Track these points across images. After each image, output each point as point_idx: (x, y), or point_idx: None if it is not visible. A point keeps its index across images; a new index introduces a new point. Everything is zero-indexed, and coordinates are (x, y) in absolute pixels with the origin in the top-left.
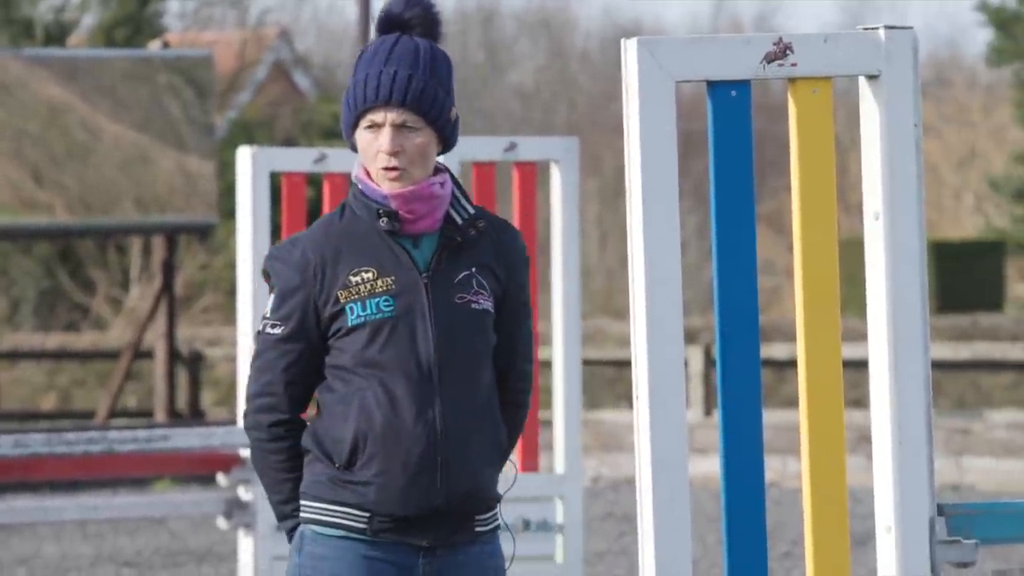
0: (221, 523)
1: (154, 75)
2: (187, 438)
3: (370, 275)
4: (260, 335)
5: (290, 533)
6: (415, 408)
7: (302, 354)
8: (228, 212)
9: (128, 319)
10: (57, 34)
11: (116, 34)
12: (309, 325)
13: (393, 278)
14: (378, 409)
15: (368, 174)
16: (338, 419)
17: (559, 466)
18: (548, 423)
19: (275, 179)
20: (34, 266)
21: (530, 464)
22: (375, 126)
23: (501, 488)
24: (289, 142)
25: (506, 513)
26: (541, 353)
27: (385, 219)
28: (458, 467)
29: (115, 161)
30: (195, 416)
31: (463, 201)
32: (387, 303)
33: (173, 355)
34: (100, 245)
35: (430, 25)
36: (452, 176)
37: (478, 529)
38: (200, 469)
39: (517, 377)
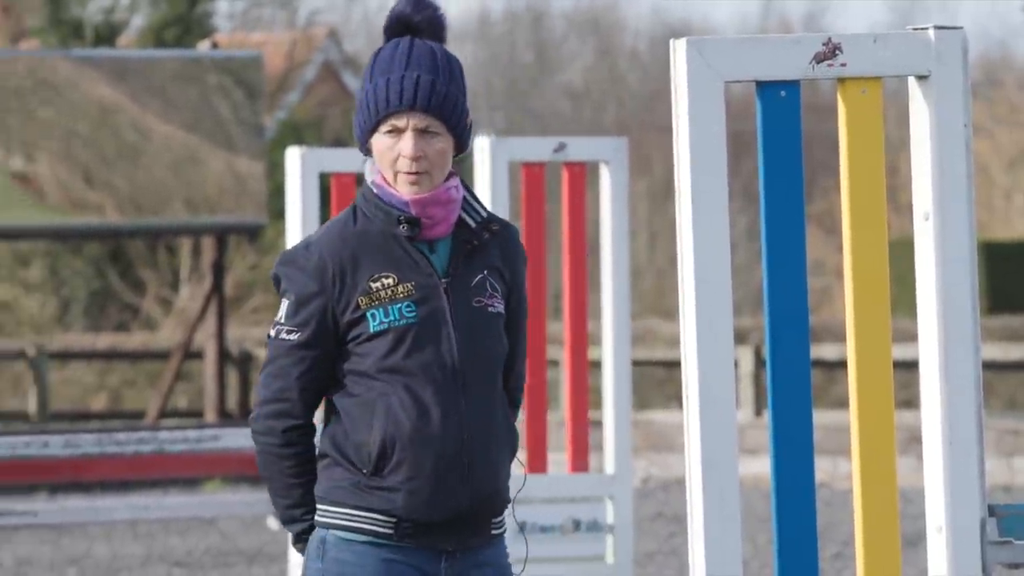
0: (271, 523)
1: (204, 76)
2: (237, 438)
3: (390, 280)
4: (274, 340)
5: (298, 537)
6: (442, 413)
7: (317, 360)
8: (278, 212)
9: (178, 319)
10: (107, 35)
11: (166, 35)
12: (326, 331)
13: (413, 283)
14: (405, 414)
15: (385, 179)
16: (361, 424)
17: (609, 466)
18: (598, 423)
19: (324, 179)
20: (84, 267)
21: (580, 465)
22: (396, 130)
23: (512, 491)
24: (338, 142)
25: (556, 514)
26: (591, 353)
27: (405, 225)
28: (481, 471)
29: (165, 162)
30: (245, 416)
31: (475, 204)
32: (409, 309)
33: (223, 355)
34: (150, 246)
35: (438, 28)
36: (462, 180)
37: (493, 532)
38: (250, 469)
39: (516, 376)
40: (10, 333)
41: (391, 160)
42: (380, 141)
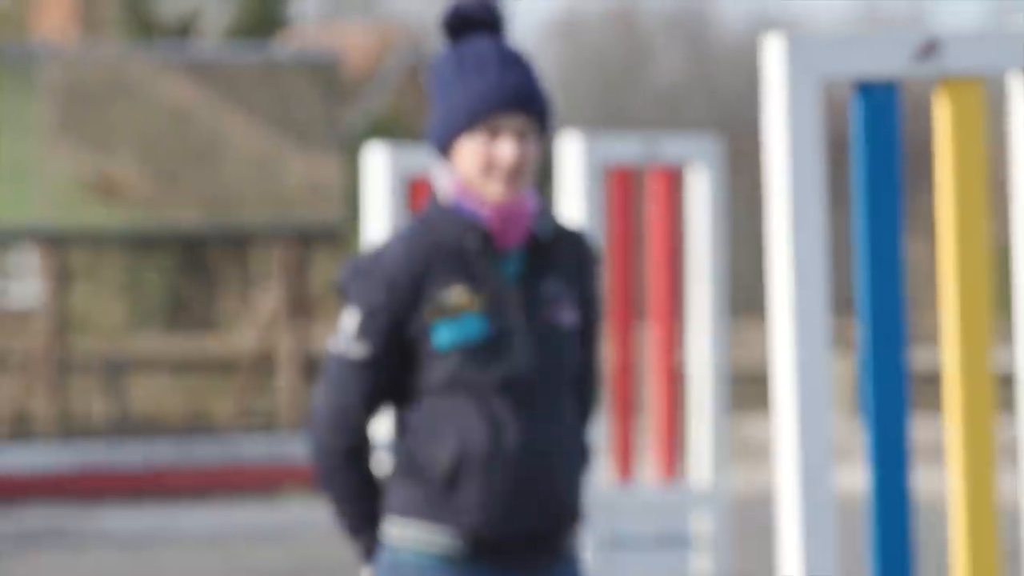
0: None
1: (284, 77)
2: None
3: (460, 293)
4: (338, 354)
5: (365, 550)
6: (515, 428)
7: (383, 375)
8: (356, 213)
9: (256, 324)
10: (185, 34)
11: (246, 34)
12: (394, 345)
13: (484, 296)
14: (478, 430)
15: (462, 186)
16: (431, 439)
17: (702, 477)
18: (689, 432)
19: (403, 181)
20: (161, 271)
21: (671, 474)
22: (495, 132)
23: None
24: (418, 143)
25: (646, 524)
26: (680, 358)
27: (477, 236)
28: (556, 486)
29: (243, 163)
30: None
31: (547, 214)
32: (480, 322)
33: (302, 361)
34: (228, 249)
35: (503, 27)
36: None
37: (567, 547)
38: None
39: (590, 387)
40: (87, 337)
41: (485, 163)
42: (474, 142)
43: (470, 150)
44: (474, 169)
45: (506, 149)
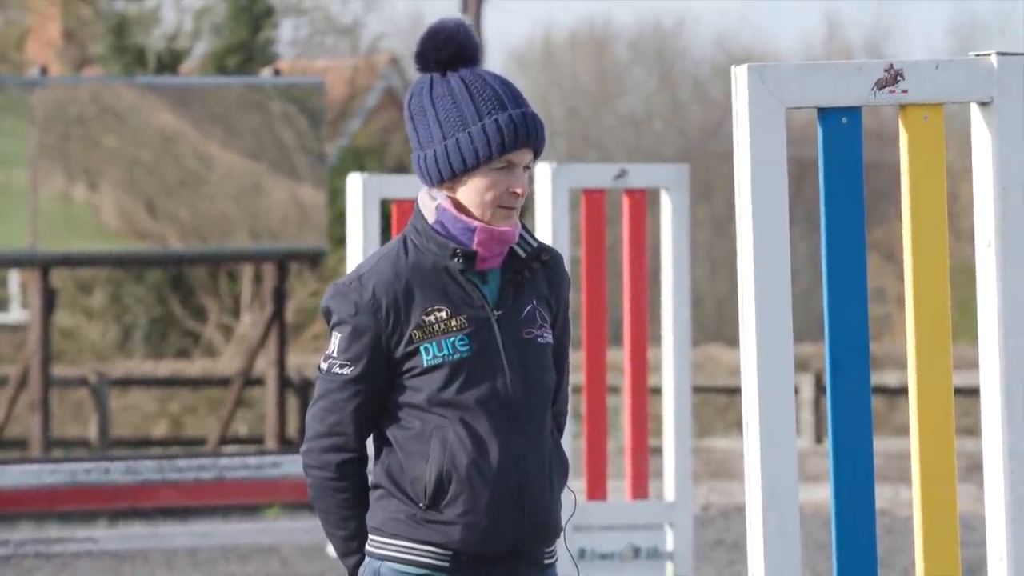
0: (331, 551)
1: (266, 103)
2: (298, 465)
3: (444, 314)
4: (326, 374)
5: (353, 569)
6: (499, 446)
7: (371, 394)
8: (339, 239)
9: (239, 346)
10: (169, 62)
11: (228, 62)
12: (379, 365)
13: (466, 316)
14: (462, 448)
15: (456, 206)
16: (416, 457)
17: (669, 494)
18: (658, 450)
19: (385, 206)
20: (146, 294)
21: (640, 492)
22: (509, 166)
23: (564, 516)
24: (399, 169)
25: (616, 541)
26: (652, 380)
27: (460, 259)
28: (537, 503)
29: (227, 188)
30: None
31: (526, 235)
32: (463, 342)
33: (284, 382)
34: (212, 273)
35: (480, 56)
36: None
37: (546, 561)
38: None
39: (562, 401)
40: (72, 360)
41: (496, 195)
42: (488, 175)
43: (484, 182)
44: (486, 200)
45: (519, 184)
